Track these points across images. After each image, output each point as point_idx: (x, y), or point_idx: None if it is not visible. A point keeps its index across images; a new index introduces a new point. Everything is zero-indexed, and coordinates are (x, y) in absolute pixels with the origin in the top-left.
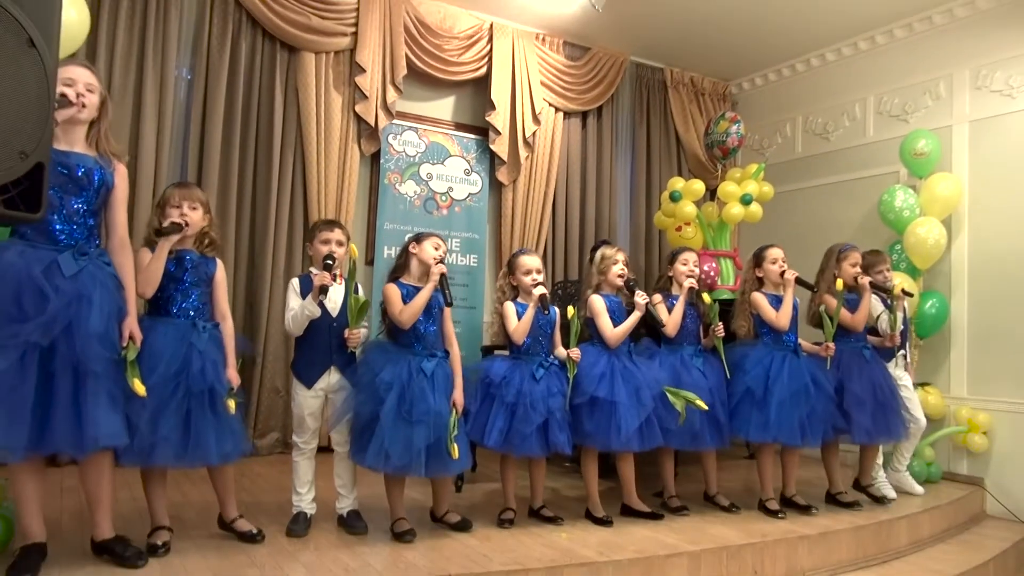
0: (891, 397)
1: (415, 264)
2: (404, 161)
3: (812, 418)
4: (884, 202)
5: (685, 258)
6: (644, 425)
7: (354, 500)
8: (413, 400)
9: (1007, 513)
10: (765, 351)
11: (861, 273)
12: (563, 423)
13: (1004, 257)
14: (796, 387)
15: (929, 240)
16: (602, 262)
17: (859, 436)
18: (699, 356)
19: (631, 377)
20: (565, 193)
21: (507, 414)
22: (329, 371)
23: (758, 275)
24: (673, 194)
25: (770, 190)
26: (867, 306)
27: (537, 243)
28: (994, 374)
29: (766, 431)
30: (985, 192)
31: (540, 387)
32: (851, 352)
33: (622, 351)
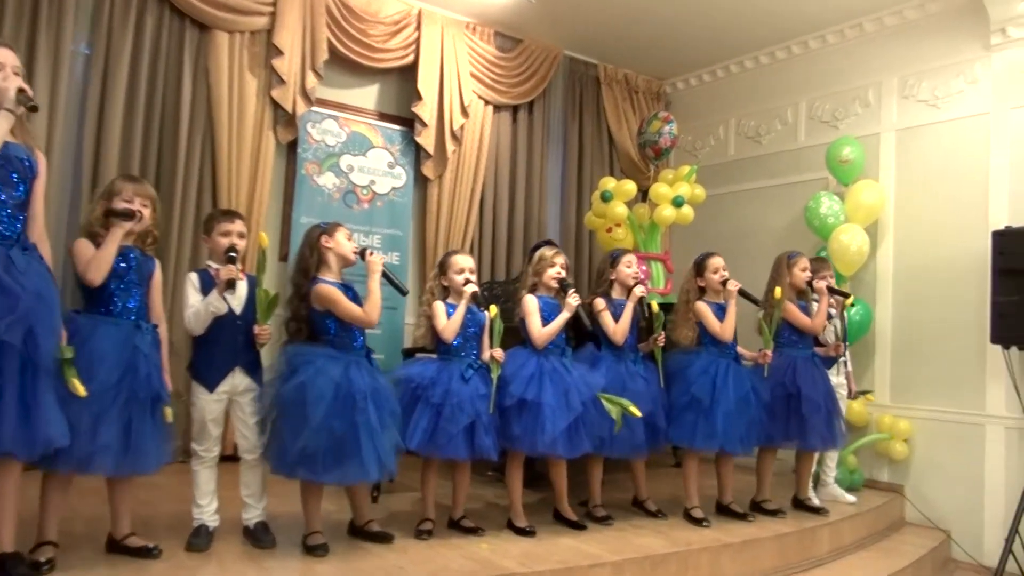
0: (834, 406)
1: (333, 259)
2: (323, 151)
3: (751, 426)
4: (810, 208)
5: (628, 260)
6: (572, 429)
7: (262, 511)
8: (382, 404)
9: (925, 520)
10: (709, 360)
11: (815, 277)
12: (489, 427)
13: (927, 265)
14: (739, 395)
15: (852, 247)
16: (539, 263)
17: (815, 442)
18: (640, 363)
19: (560, 379)
20: (494, 190)
21: (432, 414)
22: (234, 372)
23: (700, 284)
24: (604, 194)
25: (702, 192)
26: (825, 309)
27: (463, 241)
28: (915, 382)
29: (712, 440)
30: (910, 201)
31: (469, 388)
32: (804, 359)
33: (553, 353)
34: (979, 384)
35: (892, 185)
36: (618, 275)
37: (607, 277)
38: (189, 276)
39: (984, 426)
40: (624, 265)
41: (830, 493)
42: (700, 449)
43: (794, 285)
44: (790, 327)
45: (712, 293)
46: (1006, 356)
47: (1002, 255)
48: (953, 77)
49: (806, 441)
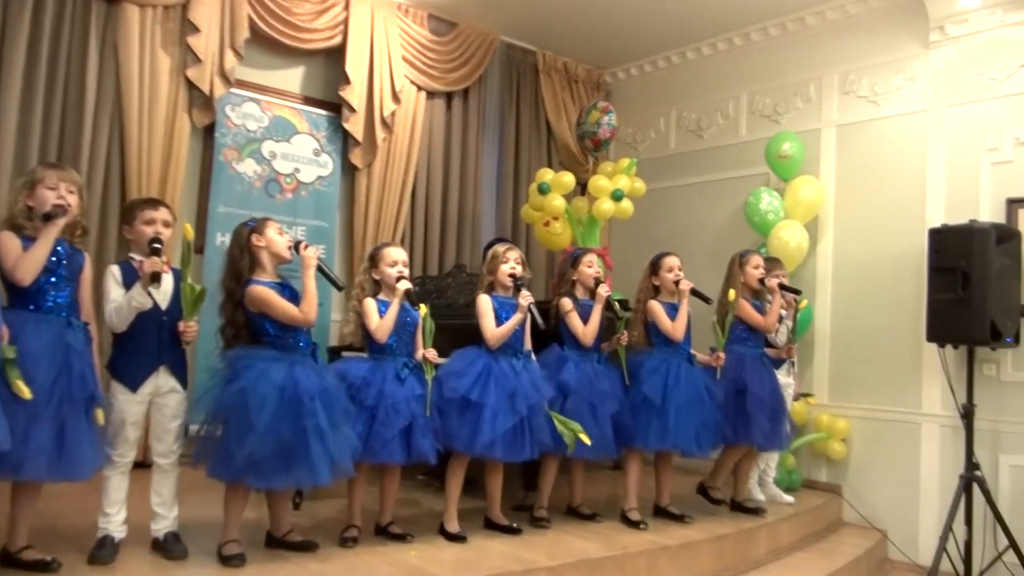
0: (782, 407)
1: (266, 258)
2: (243, 136)
3: (705, 427)
4: (750, 204)
5: (590, 260)
6: (515, 433)
7: (173, 521)
8: (333, 404)
9: (862, 520)
10: (661, 359)
11: (767, 275)
12: (426, 429)
13: (865, 263)
14: (692, 395)
15: (791, 244)
16: (492, 261)
17: (757, 438)
18: (605, 363)
19: (506, 381)
20: (426, 180)
21: (367, 418)
22: (158, 372)
23: (654, 283)
24: (541, 186)
25: (642, 186)
26: (777, 307)
27: (394, 234)
28: (854, 380)
29: (664, 439)
30: (849, 198)
31: (404, 389)
32: (752, 357)
33: (505, 354)
34: (915, 382)
35: (832, 181)
36: (580, 275)
37: (569, 277)
38: (110, 269)
39: (920, 424)
40: (585, 265)
41: (769, 494)
42: (653, 449)
43: (747, 284)
44: (742, 324)
45: (666, 293)
46: (941, 354)
47: (937, 253)
48: (893, 74)
49: (750, 438)
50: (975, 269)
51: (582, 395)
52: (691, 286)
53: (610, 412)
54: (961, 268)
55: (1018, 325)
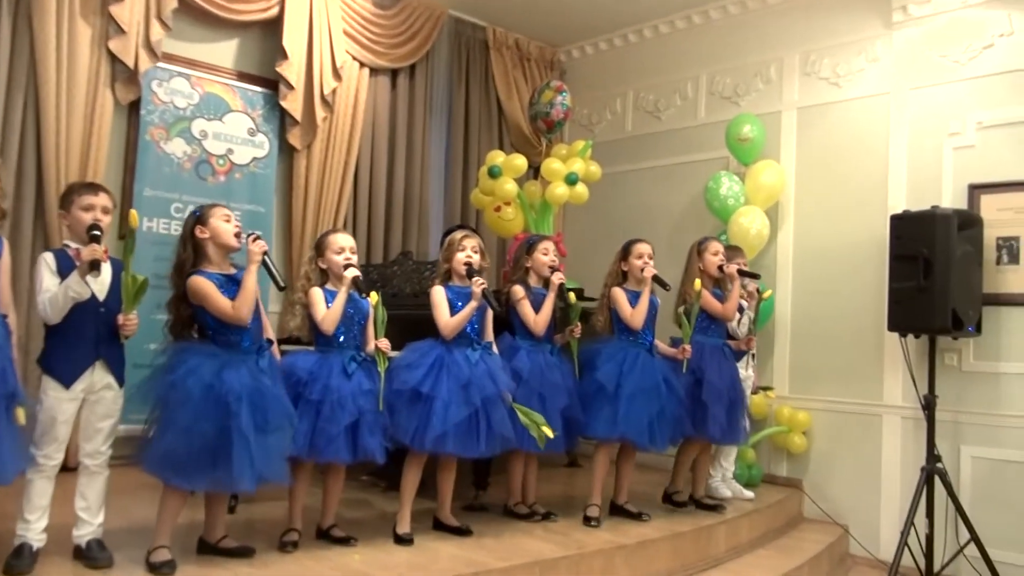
0: (740, 399)
1: (212, 249)
2: (172, 114)
3: (661, 419)
4: (710, 189)
5: (546, 247)
6: (468, 427)
7: (98, 527)
8: (266, 406)
9: (823, 515)
10: (618, 347)
11: (726, 262)
12: (375, 426)
13: (827, 250)
14: (647, 384)
15: (752, 230)
16: (447, 249)
17: (712, 431)
18: (557, 355)
19: (459, 372)
20: (370, 163)
21: (312, 414)
22: (94, 367)
23: (623, 268)
24: (492, 169)
25: (597, 170)
26: (736, 295)
27: (335, 220)
28: (814, 372)
29: (613, 427)
30: (810, 183)
31: (351, 384)
32: (712, 347)
33: (461, 345)
34: (877, 373)
35: (792, 166)
36: (534, 263)
37: (522, 264)
38: (43, 257)
39: (881, 416)
40: (541, 252)
41: (728, 489)
42: (602, 438)
43: (707, 271)
44: (702, 313)
45: (633, 281)
46: (902, 344)
47: (899, 240)
48: (855, 55)
49: (705, 430)
50: (937, 256)
51: (532, 386)
52: (653, 273)
53: (560, 405)
54: (923, 255)
55: (980, 314)
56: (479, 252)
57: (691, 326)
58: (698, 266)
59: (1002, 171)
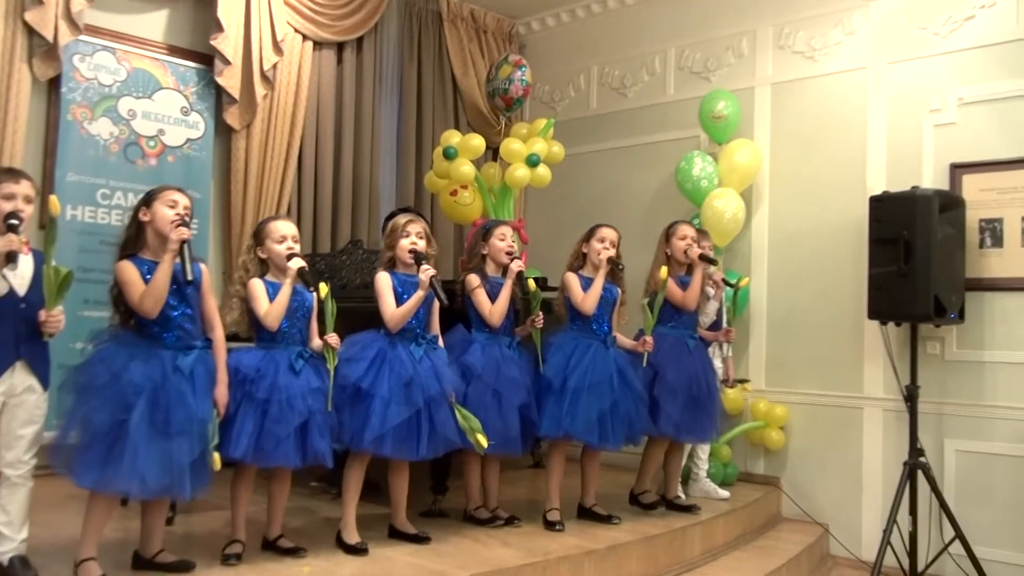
0: (707, 395)
1: (151, 235)
2: (96, 92)
3: (614, 416)
4: (681, 170)
5: (503, 233)
6: (409, 428)
7: (21, 544)
8: (169, 406)
9: (802, 514)
10: (568, 338)
11: (691, 246)
12: (324, 427)
13: (803, 234)
14: (597, 378)
15: (727, 214)
16: (390, 235)
17: (665, 428)
18: (516, 348)
19: (402, 369)
20: (315, 144)
21: (258, 414)
22: (13, 368)
23: (583, 251)
24: (447, 150)
25: (560, 151)
26: (699, 282)
27: (278, 206)
28: (792, 363)
29: (558, 424)
30: (785, 163)
31: (299, 381)
32: (673, 341)
33: (406, 338)
34: (856, 364)
35: (767, 145)
36: (491, 249)
37: (479, 251)
38: None
39: (862, 409)
40: (497, 238)
41: (702, 489)
42: (549, 436)
43: (674, 257)
44: (665, 303)
45: (590, 267)
46: (883, 332)
47: (878, 223)
48: (831, 27)
49: (658, 428)
50: (918, 239)
51: (487, 381)
52: (609, 255)
53: (517, 403)
54: (903, 239)
55: (963, 300)
56: (425, 238)
57: (654, 317)
58: (665, 252)
59: (985, 150)
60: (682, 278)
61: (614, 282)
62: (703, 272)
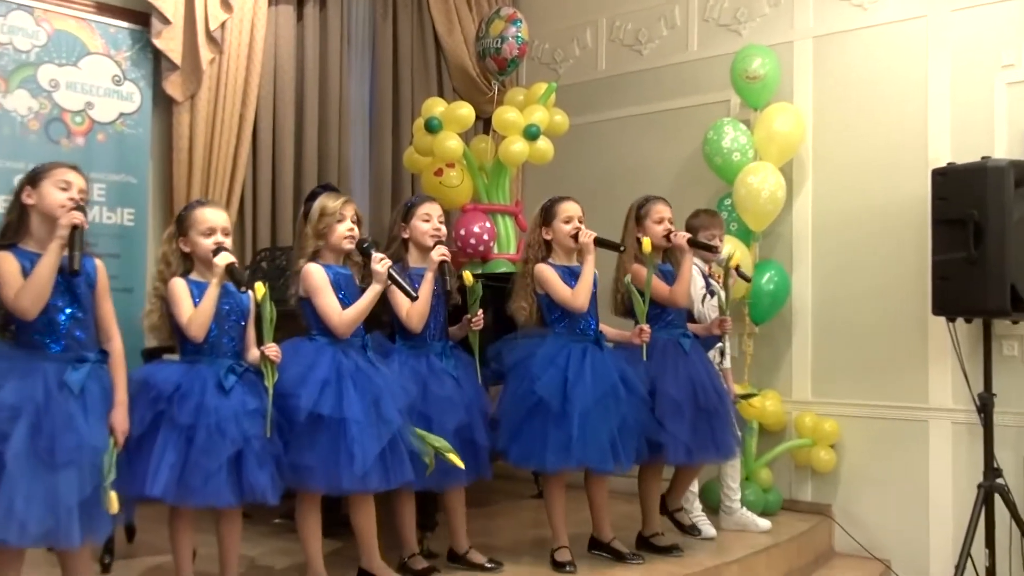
0: (718, 401)
1: (36, 221)
2: (11, 59)
3: (624, 432)
4: (710, 141)
5: (427, 212)
6: (388, 453)
7: None
8: (55, 431)
9: (858, 548)
10: (558, 345)
11: (674, 229)
12: (264, 457)
13: (852, 217)
14: (602, 390)
15: (763, 193)
16: (320, 220)
17: (675, 455)
18: (449, 356)
19: (367, 383)
20: (272, 117)
21: (181, 443)
22: None
23: (545, 237)
24: (430, 122)
25: (564, 120)
26: (688, 273)
27: (229, 191)
28: (843, 369)
29: (568, 454)
30: (832, 131)
31: (231, 402)
32: (665, 341)
33: (353, 346)
34: (920, 368)
35: (810, 110)
36: (412, 232)
37: (398, 235)
38: None
39: (927, 422)
40: (420, 219)
41: (737, 521)
42: (557, 469)
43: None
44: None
45: (562, 252)
46: (951, 330)
47: (943, 201)
48: None
49: (665, 455)
50: (990, 220)
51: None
52: (594, 236)
53: (452, 426)
54: (972, 219)
55: None
56: (358, 222)
57: (645, 300)
58: (636, 235)
59: None
60: (662, 267)
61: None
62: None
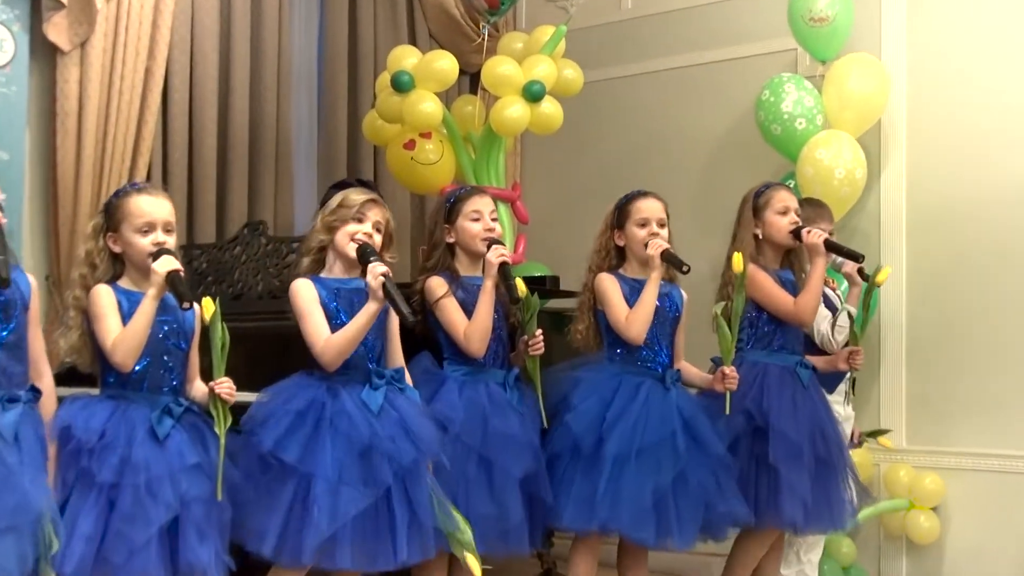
0: (838, 454)
1: None
2: None
3: (680, 496)
4: (765, 104)
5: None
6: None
7: None
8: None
9: None
10: (606, 375)
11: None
12: (208, 524)
13: (958, 205)
14: (655, 437)
15: (837, 172)
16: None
17: (792, 512)
18: (513, 387)
19: (353, 429)
20: (189, 72)
21: (100, 508)
22: None
23: (617, 241)
24: (399, 78)
25: (576, 76)
26: (820, 281)
27: (132, 169)
28: (947, 407)
29: (589, 511)
30: (931, 90)
31: (167, 455)
32: (780, 372)
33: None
34: None
35: (901, 63)
36: (459, 234)
37: (441, 239)
38: None
39: None
40: (468, 217)
41: None
42: (574, 528)
43: (770, 239)
44: (760, 312)
45: (636, 263)
46: None
47: None
48: None
49: (778, 515)
50: None
51: (468, 443)
52: (663, 248)
53: (518, 474)
54: None
55: None
56: (384, 232)
57: (734, 334)
58: (753, 232)
59: None
60: (781, 273)
61: (671, 281)
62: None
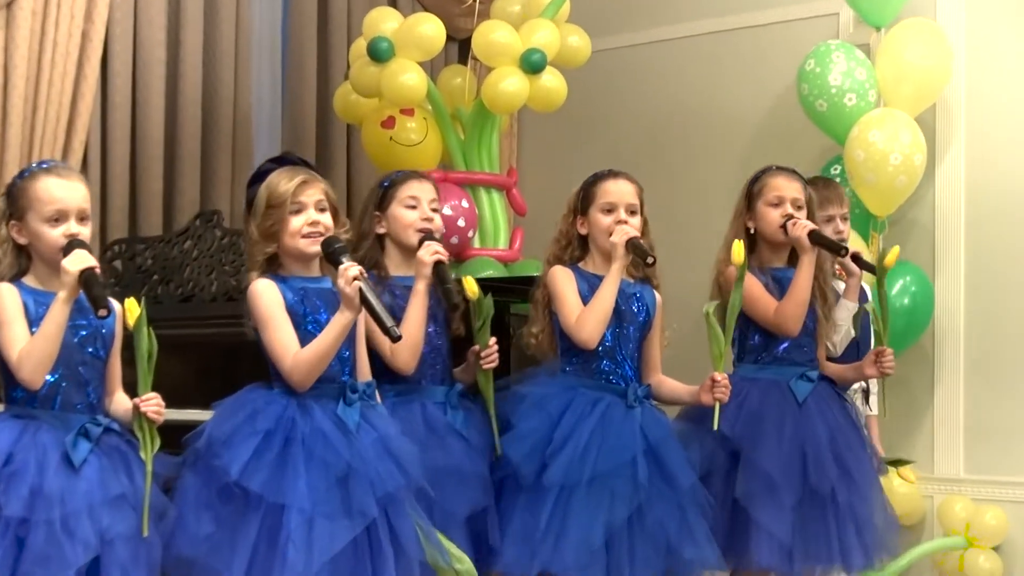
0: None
1: None
2: None
3: (635, 535)
4: (809, 76)
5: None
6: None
7: None
8: None
9: None
10: (560, 390)
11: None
12: (136, 564)
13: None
14: (610, 464)
15: (892, 157)
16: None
17: (766, 556)
18: (456, 407)
19: (329, 452)
20: (132, 37)
21: (7, 545)
22: None
23: (580, 231)
24: (377, 45)
25: (583, 44)
26: (805, 283)
27: (65, 148)
28: (1013, 431)
29: (529, 551)
30: (999, 63)
31: (84, 484)
32: (768, 385)
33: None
34: None
35: (962, 31)
36: (391, 224)
37: (370, 230)
38: None
39: None
40: (403, 204)
41: None
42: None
43: (763, 233)
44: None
45: (599, 254)
46: None
47: None
48: None
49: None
50: None
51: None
52: (629, 237)
53: (464, 512)
54: None
55: None
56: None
57: (727, 336)
58: (746, 225)
59: None
60: (779, 273)
61: (645, 280)
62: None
